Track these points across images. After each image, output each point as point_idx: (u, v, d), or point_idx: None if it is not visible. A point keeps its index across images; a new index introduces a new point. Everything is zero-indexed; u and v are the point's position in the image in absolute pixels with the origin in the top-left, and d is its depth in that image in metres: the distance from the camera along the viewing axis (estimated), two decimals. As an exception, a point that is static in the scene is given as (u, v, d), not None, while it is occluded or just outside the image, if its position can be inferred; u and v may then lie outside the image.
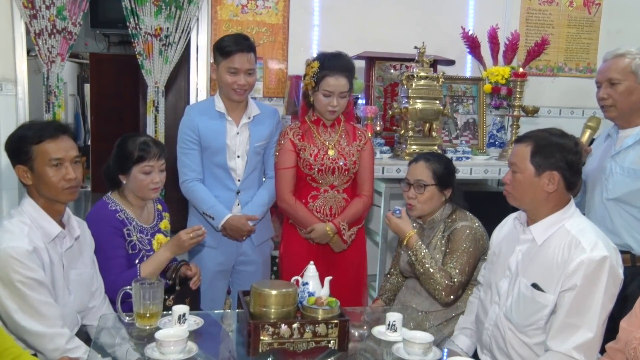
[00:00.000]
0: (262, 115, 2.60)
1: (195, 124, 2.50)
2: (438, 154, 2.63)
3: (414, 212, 2.35)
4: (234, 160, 2.55)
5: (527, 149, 1.81)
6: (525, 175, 1.81)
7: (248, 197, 2.60)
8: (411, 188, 2.34)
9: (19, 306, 1.72)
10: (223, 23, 3.59)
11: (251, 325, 1.66)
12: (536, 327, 1.80)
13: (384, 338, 1.82)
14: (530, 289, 1.80)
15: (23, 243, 1.73)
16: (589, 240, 1.74)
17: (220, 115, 2.53)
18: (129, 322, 1.86)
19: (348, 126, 2.62)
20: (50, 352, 1.75)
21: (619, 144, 2.31)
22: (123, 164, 2.21)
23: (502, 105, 3.67)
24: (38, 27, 3.33)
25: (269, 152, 2.63)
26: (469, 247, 2.22)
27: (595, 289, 1.69)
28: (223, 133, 2.52)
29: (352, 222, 2.57)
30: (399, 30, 3.71)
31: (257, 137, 2.57)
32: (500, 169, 3.34)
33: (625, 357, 1.63)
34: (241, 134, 2.55)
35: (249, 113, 2.56)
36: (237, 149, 2.54)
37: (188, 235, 2.16)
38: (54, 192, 1.84)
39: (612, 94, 2.30)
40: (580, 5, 4.01)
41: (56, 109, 3.47)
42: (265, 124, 2.60)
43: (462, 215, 2.33)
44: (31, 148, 1.80)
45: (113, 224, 2.16)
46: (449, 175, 2.36)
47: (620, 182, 2.26)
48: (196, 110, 2.59)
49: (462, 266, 2.19)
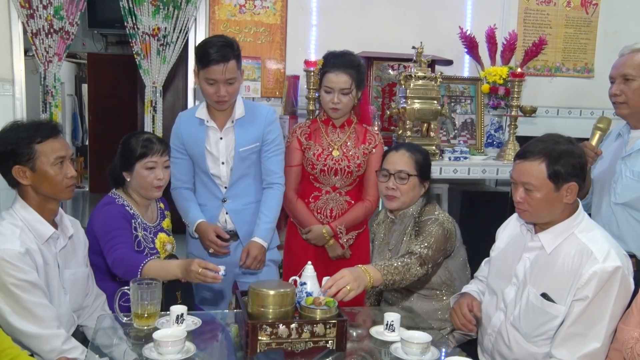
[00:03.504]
0: (249, 116, 2.42)
1: (180, 132, 2.45)
2: (415, 144, 2.52)
3: (395, 203, 2.26)
4: (218, 167, 2.43)
5: (542, 166, 1.73)
6: (544, 193, 1.74)
7: (237, 206, 2.46)
8: (391, 178, 2.25)
9: (12, 309, 1.71)
10: (221, 23, 3.59)
11: (249, 325, 1.65)
12: (546, 337, 1.76)
13: (382, 338, 1.82)
14: (540, 299, 1.76)
15: (15, 245, 1.73)
16: (601, 250, 1.69)
17: (200, 121, 2.42)
18: (127, 323, 1.86)
19: (360, 128, 2.59)
20: (46, 353, 1.74)
21: (630, 146, 2.22)
22: (126, 161, 2.22)
23: (500, 105, 3.68)
24: (35, 26, 3.32)
25: (266, 155, 2.46)
26: (434, 229, 2.11)
27: (606, 301, 1.66)
28: (202, 139, 2.41)
29: (351, 227, 2.56)
30: (397, 30, 3.71)
31: (242, 141, 2.40)
32: (498, 168, 3.34)
33: (623, 357, 1.63)
34: (225, 138, 2.42)
35: (233, 116, 2.41)
36: (220, 155, 2.42)
37: (198, 269, 1.87)
38: (56, 190, 1.84)
39: (626, 90, 2.19)
40: (578, 5, 4.02)
41: (53, 109, 3.47)
42: (255, 126, 2.43)
43: (431, 209, 2.24)
44: (33, 147, 1.80)
45: (122, 212, 2.17)
46: (428, 167, 2.30)
47: (630, 186, 2.17)
48: (184, 117, 2.50)
49: (428, 243, 2.08)
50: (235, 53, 2.30)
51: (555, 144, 1.76)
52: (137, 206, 2.25)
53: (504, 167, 3.32)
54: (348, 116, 2.56)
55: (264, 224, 2.39)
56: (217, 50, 2.24)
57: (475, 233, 2.38)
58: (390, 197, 2.26)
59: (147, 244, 2.22)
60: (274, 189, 2.45)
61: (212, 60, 2.24)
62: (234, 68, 2.29)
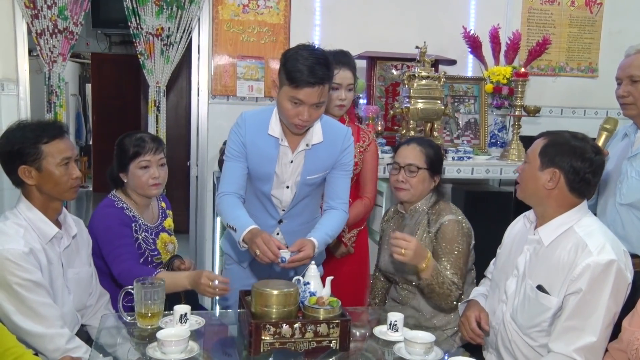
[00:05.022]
0: (327, 141, 2.10)
1: (245, 140, 2.08)
2: (427, 139, 2.57)
3: (404, 195, 2.27)
4: (281, 190, 2.13)
5: (541, 142, 1.83)
6: (531, 167, 1.82)
7: (293, 227, 2.18)
8: (401, 171, 2.27)
9: (17, 308, 1.72)
10: (224, 23, 3.59)
11: (252, 325, 1.65)
12: (539, 329, 1.78)
13: (385, 338, 1.82)
14: (535, 291, 1.78)
15: (19, 245, 1.73)
16: (596, 243, 1.70)
17: (274, 139, 2.08)
18: (131, 322, 1.86)
19: (352, 127, 2.60)
20: (50, 352, 1.75)
21: (637, 146, 2.22)
22: (121, 162, 2.21)
23: (504, 105, 3.67)
24: (39, 27, 3.33)
25: (334, 177, 2.14)
26: (462, 247, 2.16)
27: (600, 293, 1.66)
28: (273, 161, 2.08)
29: (353, 224, 2.56)
30: (401, 30, 3.71)
31: (311, 168, 2.10)
32: (501, 168, 3.33)
33: (628, 358, 1.63)
34: (295, 161, 2.10)
35: (310, 139, 2.08)
36: (287, 179, 2.11)
37: (208, 281, 1.87)
38: (61, 190, 1.85)
39: (633, 91, 2.18)
40: (582, 4, 4.00)
41: (57, 109, 3.48)
42: (329, 153, 2.11)
43: (447, 207, 2.25)
44: (39, 148, 1.81)
45: (122, 217, 2.17)
46: (439, 162, 2.32)
47: (635, 187, 2.17)
48: (251, 123, 2.10)
49: (460, 270, 2.14)
50: (332, 75, 2.00)
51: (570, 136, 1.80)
52: (136, 207, 2.24)
53: (507, 167, 3.31)
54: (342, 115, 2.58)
55: (323, 233, 2.04)
56: (319, 72, 1.89)
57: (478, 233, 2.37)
58: (399, 189, 2.28)
59: (148, 245, 2.22)
60: (339, 211, 2.16)
61: (310, 82, 1.89)
62: (327, 92, 1.96)
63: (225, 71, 3.61)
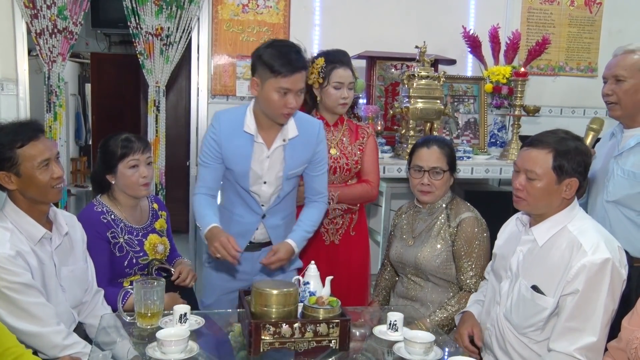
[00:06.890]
0: (302, 135, 2.17)
1: (221, 140, 2.15)
2: (442, 137, 2.60)
3: (429, 198, 2.29)
4: (259, 185, 2.19)
5: (548, 156, 1.75)
6: (545, 183, 1.76)
7: (276, 221, 2.27)
8: (425, 174, 2.27)
9: (9, 311, 1.71)
10: (224, 22, 3.59)
11: (252, 324, 1.65)
12: (535, 328, 1.79)
13: (385, 337, 1.82)
14: (530, 291, 1.79)
15: (4, 249, 1.72)
16: (590, 242, 1.71)
17: (249, 136, 2.15)
18: (130, 322, 1.86)
19: (351, 124, 2.61)
20: (49, 350, 1.75)
21: (622, 144, 2.26)
22: (108, 163, 2.20)
23: (503, 105, 3.67)
24: (39, 26, 3.33)
25: (311, 174, 2.25)
26: (483, 243, 2.23)
27: (597, 293, 1.67)
28: (248, 157, 2.15)
29: (345, 201, 2.53)
30: (400, 29, 3.71)
31: (292, 163, 2.18)
32: (501, 168, 3.34)
33: (627, 357, 1.63)
34: (272, 157, 2.17)
35: (285, 134, 2.15)
36: (264, 174, 2.17)
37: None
38: (43, 192, 1.81)
39: (617, 90, 2.23)
40: (582, 4, 4.00)
41: (57, 109, 3.48)
42: (305, 146, 2.19)
43: (463, 204, 2.32)
44: (15, 153, 1.76)
45: (96, 227, 2.15)
46: (455, 159, 2.35)
47: (620, 184, 2.21)
48: (226, 121, 2.17)
49: (482, 269, 2.20)
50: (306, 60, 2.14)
51: (565, 139, 1.79)
52: (121, 209, 2.23)
53: (507, 166, 3.31)
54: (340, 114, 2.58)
55: (302, 231, 2.20)
56: (297, 59, 2.02)
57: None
58: (424, 192, 2.29)
59: (132, 247, 2.21)
60: (320, 203, 2.29)
61: (296, 67, 2.00)
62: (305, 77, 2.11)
63: (225, 71, 3.61)
